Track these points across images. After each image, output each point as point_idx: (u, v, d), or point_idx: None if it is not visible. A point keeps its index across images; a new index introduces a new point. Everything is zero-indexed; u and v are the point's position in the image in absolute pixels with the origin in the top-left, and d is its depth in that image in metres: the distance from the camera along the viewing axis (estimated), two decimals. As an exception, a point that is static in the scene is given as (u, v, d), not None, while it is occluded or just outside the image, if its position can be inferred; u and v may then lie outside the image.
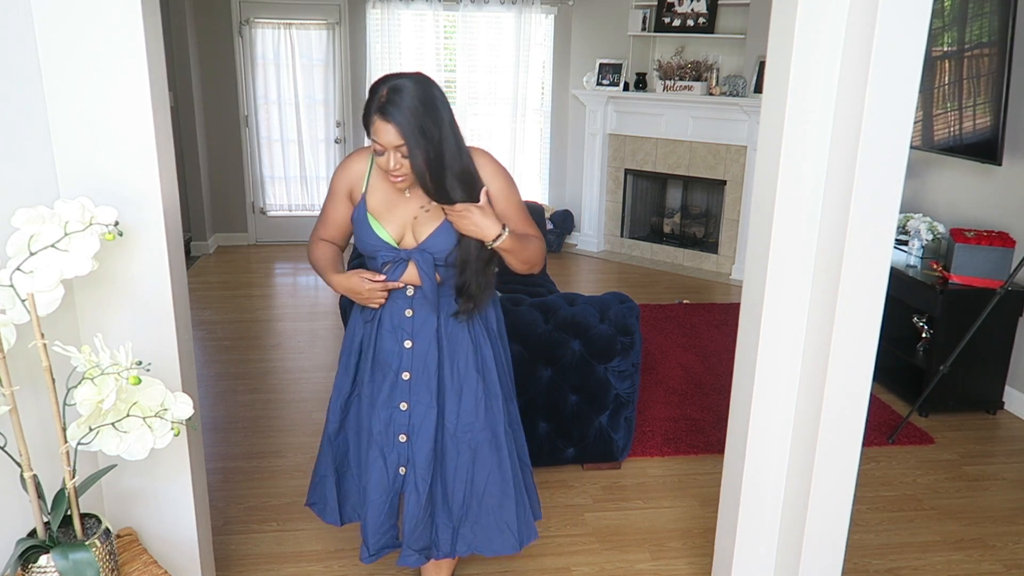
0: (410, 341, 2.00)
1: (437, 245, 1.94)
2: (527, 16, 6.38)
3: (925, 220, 4.12)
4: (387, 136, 1.78)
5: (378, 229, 1.95)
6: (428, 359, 2.00)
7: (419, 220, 1.95)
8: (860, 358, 1.90)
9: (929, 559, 2.72)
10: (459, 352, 2.02)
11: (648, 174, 6.47)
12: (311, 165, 6.68)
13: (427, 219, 1.95)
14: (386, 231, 1.95)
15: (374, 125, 1.80)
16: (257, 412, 3.68)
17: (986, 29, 3.78)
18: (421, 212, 1.95)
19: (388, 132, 1.78)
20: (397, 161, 1.82)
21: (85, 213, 1.44)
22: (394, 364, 2.01)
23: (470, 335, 2.04)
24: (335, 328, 4.75)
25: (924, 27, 1.69)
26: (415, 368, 2.00)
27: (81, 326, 1.79)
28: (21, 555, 1.51)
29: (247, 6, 6.26)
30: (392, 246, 1.95)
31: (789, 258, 1.96)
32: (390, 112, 1.77)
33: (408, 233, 1.96)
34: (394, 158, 1.81)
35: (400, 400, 2.02)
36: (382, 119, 1.78)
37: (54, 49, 1.63)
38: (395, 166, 1.82)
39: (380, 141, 1.80)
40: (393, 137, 1.78)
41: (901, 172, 1.78)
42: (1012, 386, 3.85)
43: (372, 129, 1.80)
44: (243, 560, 2.62)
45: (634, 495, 3.06)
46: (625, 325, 3.03)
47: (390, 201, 1.96)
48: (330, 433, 2.15)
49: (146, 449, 1.49)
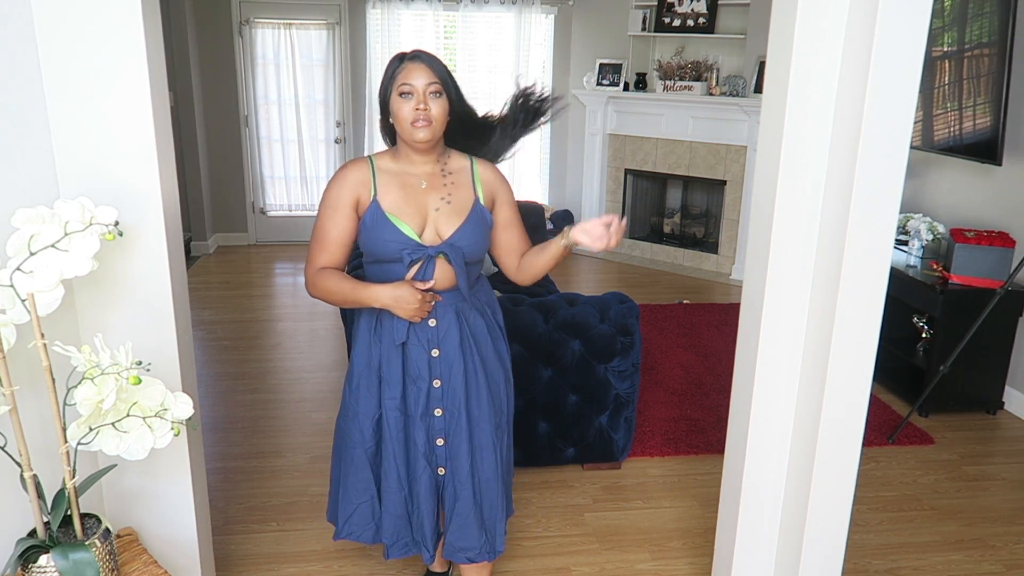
0: (437, 350, 1.97)
1: (466, 239, 1.91)
2: (527, 16, 6.38)
3: (925, 220, 4.12)
4: (419, 75, 1.83)
5: (400, 225, 1.89)
6: (455, 364, 1.98)
7: (441, 212, 1.91)
8: (860, 358, 1.90)
9: (929, 559, 2.72)
10: (484, 350, 2.03)
11: (648, 174, 6.47)
12: (311, 165, 6.68)
13: (449, 212, 1.92)
14: (408, 226, 1.89)
15: (404, 69, 1.84)
16: (257, 412, 3.68)
17: (986, 29, 3.78)
18: (443, 204, 1.92)
19: (421, 71, 1.83)
20: (425, 103, 1.82)
21: (85, 213, 1.44)
22: (425, 374, 1.98)
23: (489, 333, 2.04)
24: (335, 328, 4.75)
25: (924, 27, 1.68)
26: (443, 375, 1.99)
27: (81, 326, 1.79)
28: (21, 555, 1.51)
29: (247, 6, 6.26)
30: (418, 242, 1.89)
31: (789, 258, 1.96)
32: (421, 56, 1.86)
33: (430, 227, 1.91)
34: (423, 99, 1.83)
35: (435, 407, 2.01)
36: (413, 62, 1.85)
37: (54, 49, 1.63)
38: (422, 107, 1.82)
39: (411, 81, 1.83)
40: (426, 75, 1.83)
41: (901, 172, 1.78)
42: (1012, 386, 3.85)
43: (402, 75, 1.84)
44: (243, 560, 2.62)
45: (634, 495, 3.06)
46: (625, 325, 3.03)
47: (407, 196, 1.91)
48: (368, 455, 2.05)
49: (146, 449, 1.49)
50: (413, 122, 1.83)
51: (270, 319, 5.06)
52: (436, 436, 2.02)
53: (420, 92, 1.83)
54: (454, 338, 1.97)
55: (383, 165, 1.95)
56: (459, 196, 1.94)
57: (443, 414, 2.01)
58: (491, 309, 2.09)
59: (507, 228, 2.03)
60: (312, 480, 3.10)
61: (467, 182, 1.96)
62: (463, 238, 1.91)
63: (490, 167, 2.01)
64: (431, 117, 1.84)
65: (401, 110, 1.84)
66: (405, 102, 1.84)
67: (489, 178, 1.99)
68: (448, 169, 1.96)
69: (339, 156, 6.66)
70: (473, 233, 1.92)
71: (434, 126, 1.85)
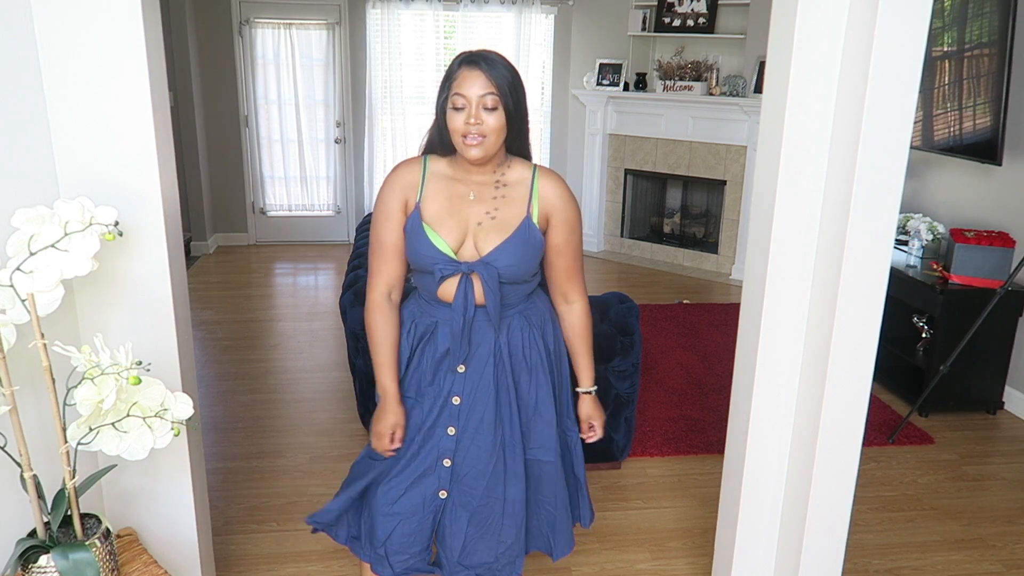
0: (463, 366, 1.82)
1: (505, 259, 1.73)
2: (527, 16, 6.38)
3: (925, 220, 4.12)
4: (475, 84, 1.65)
5: (434, 238, 1.74)
6: (482, 384, 1.82)
7: (483, 227, 1.75)
8: (860, 358, 1.90)
9: (929, 559, 2.72)
10: (520, 375, 1.85)
11: (648, 174, 6.47)
12: (311, 165, 6.68)
13: (493, 227, 1.75)
14: (443, 240, 1.74)
15: (459, 75, 1.67)
16: (257, 412, 3.68)
17: (986, 29, 3.78)
18: (486, 219, 1.75)
19: (476, 79, 1.65)
20: (477, 117, 1.65)
21: (85, 213, 1.44)
22: (445, 388, 1.84)
23: (530, 352, 1.86)
24: (335, 328, 4.75)
25: (924, 27, 1.69)
26: (466, 392, 1.83)
27: (81, 326, 1.79)
28: (21, 555, 1.51)
29: (247, 6, 6.26)
30: (450, 257, 1.74)
31: (789, 258, 1.96)
32: (479, 62, 1.66)
33: (469, 241, 1.75)
34: (475, 113, 1.66)
35: (448, 424, 1.84)
36: (470, 68, 1.66)
37: (55, 49, 1.63)
38: (474, 121, 1.65)
39: (464, 91, 1.65)
40: (482, 84, 1.65)
41: (901, 172, 1.78)
42: (1012, 386, 3.85)
43: (456, 82, 1.67)
44: (243, 560, 2.62)
45: (634, 495, 3.06)
46: (625, 325, 3.02)
47: (451, 206, 1.76)
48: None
49: (146, 449, 1.49)
50: (464, 137, 1.68)
51: (270, 319, 5.05)
52: (443, 456, 1.86)
53: (473, 104, 1.66)
54: (484, 355, 1.81)
55: (436, 168, 1.80)
56: (507, 211, 1.76)
57: (456, 434, 1.85)
58: (542, 331, 1.88)
59: (555, 253, 1.82)
60: (312, 480, 3.10)
61: (522, 196, 1.77)
62: (501, 257, 1.73)
63: (556, 183, 1.79)
64: (484, 132, 1.67)
65: (452, 121, 1.68)
66: (457, 113, 1.67)
67: (549, 194, 1.78)
68: (504, 180, 1.78)
69: (339, 156, 6.66)
70: (515, 253, 1.74)
71: (488, 142, 1.68)
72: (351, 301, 3.11)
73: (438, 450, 1.86)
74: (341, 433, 3.48)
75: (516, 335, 1.84)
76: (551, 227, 1.80)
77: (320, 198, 6.78)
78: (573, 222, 1.81)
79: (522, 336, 1.84)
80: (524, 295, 1.85)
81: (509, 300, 1.81)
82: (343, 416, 3.64)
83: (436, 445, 1.86)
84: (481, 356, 1.82)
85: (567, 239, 1.81)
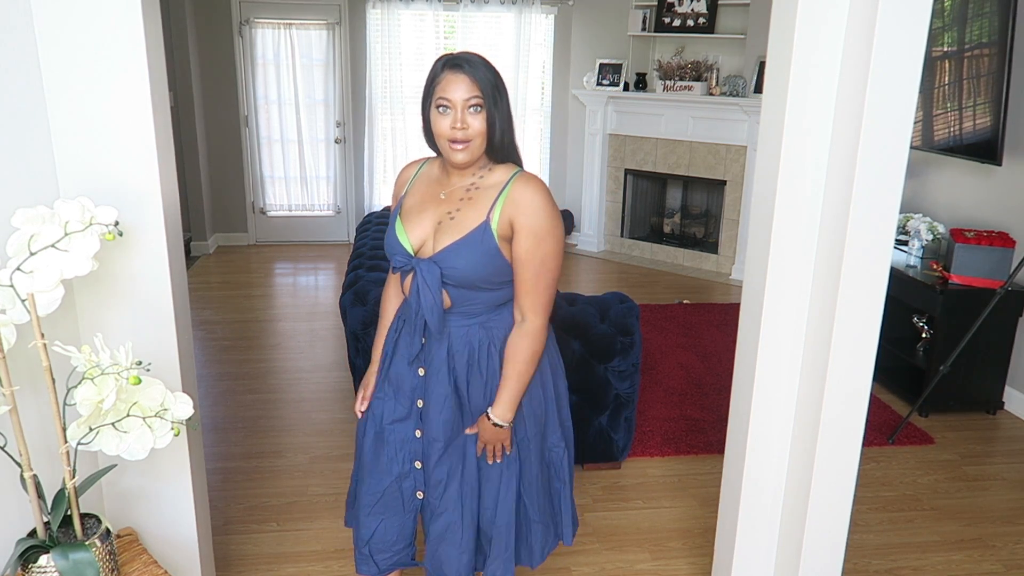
0: (423, 368, 1.83)
1: (450, 260, 1.71)
2: (527, 16, 6.38)
3: (925, 220, 4.12)
4: (459, 87, 1.65)
5: (399, 231, 1.78)
6: (438, 389, 1.81)
7: (442, 226, 1.74)
8: (860, 358, 1.90)
9: (929, 559, 2.72)
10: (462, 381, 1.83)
11: (648, 174, 6.47)
12: (311, 165, 6.68)
13: (450, 227, 1.73)
14: (407, 235, 1.78)
15: (443, 79, 1.67)
16: (257, 412, 3.68)
17: (986, 29, 3.78)
18: (447, 218, 1.75)
19: (460, 82, 1.65)
20: (463, 121, 1.66)
21: (85, 213, 1.44)
22: (407, 389, 1.86)
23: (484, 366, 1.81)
24: (335, 328, 4.75)
25: (924, 27, 1.69)
26: (426, 396, 1.83)
27: (81, 326, 1.79)
28: (21, 555, 1.51)
29: (247, 6, 6.26)
30: (408, 252, 1.77)
31: (789, 258, 1.96)
32: (463, 65, 1.66)
33: (429, 240, 1.76)
34: (461, 117, 1.66)
35: (415, 427, 1.86)
36: (453, 71, 1.66)
37: (55, 49, 1.63)
38: (460, 124, 1.66)
39: (448, 95, 1.66)
40: (466, 87, 1.65)
41: (901, 172, 1.78)
42: (1012, 386, 3.85)
43: (440, 85, 1.67)
44: (243, 560, 2.62)
45: (634, 495, 3.06)
46: (625, 325, 3.03)
47: (423, 204, 1.79)
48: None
49: (146, 449, 1.49)
50: (451, 141, 1.68)
51: (270, 319, 5.05)
52: (414, 457, 1.88)
53: (459, 108, 1.66)
54: (440, 359, 1.80)
55: (428, 168, 1.86)
56: (468, 213, 1.73)
57: (421, 437, 1.86)
58: (501, 346, 1.80)
59: (517, 263, 1.72)
60: (312, 480, 3.10)
61: (487, 200, 1.73)
62: (447, 258, 1.71)
63: (529, 189, 1.71)
64: (470, 136, 1.67)
65: (438, 125, 1.69)
66: (442, 117, 1.68)
67: (518, 199, 1.70)
68: (479, 184, 1.76)
69: (339, 156, 6.66)
70: (463, 256, 1.70)
71: (473, 145, 1.69)
72: (351, 301, 3.11)
73: (410, 452, 1.89)
74: (341, 433, 3.48)
75: (472, 344, 1.80)
76: (515, 234, 1.70)
77: (320, 198, 6.78)
78: (541, 232, 1.69)
79: (478, 347, 1.80)
80: (490, 305, 1.78)
81: (469, 308, 1.77)
82: (343, 416, 3.64)
83: (407, 446, 1.88)
84: (438, 361, 1.81)
85: (530, 249, 1.70)
